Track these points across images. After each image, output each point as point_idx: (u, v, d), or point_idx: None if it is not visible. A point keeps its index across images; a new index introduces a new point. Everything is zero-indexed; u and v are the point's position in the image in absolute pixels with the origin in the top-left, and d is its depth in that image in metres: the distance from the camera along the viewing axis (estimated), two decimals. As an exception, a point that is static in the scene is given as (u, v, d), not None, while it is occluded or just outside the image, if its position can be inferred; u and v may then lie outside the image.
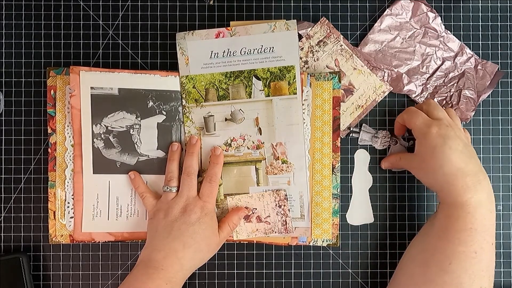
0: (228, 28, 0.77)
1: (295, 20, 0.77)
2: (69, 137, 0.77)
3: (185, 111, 0.78)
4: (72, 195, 0.77)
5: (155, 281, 0.68)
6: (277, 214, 0.77)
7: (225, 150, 0.78)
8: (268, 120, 0.77)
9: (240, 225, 0.78)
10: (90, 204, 0.77)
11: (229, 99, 0.77)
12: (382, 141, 0.79)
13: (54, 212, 0.78)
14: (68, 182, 0.77)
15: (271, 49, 0.77)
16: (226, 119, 0.78)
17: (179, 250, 0.70)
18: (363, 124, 0.80)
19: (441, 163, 0.68)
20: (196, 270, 0.79)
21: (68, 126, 0.77)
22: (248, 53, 0.77)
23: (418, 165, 0.73)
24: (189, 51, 0.77)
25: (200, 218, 0.72)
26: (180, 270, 0.70)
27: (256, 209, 0.78)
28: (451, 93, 0.80)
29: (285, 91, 0.76)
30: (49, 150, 0.78)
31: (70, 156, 0.77)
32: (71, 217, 0.78)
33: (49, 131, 0.78)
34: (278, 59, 0.77)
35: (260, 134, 0.77)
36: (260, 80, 0.77)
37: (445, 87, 0.80)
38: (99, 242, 0.79)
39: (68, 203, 0.78)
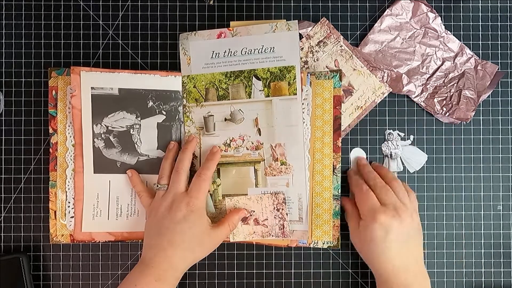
0: (229, 28, 0.77)
1: (296, 20, 0.77)
2: (70, 137, 0.77)
3: (186, 111, 0.78)
4: (73, 195, 0.77)
5: (145, 278, 0.68)
6: (275, 217, 0.77)
7: (224, 151, 0.78)
8: (267, 121, 0.77)
9: (237, 227, 0.77)
10: (90, 204, 0.77)
11: (229, 99, 0.77)
12: None
13: (55, 212, 0.78)
14: (69, 182, 0.77)
15: (272, 49, 0.77)
16: (225, 119, 0.77)
17: (167, 248, 0.70)
18: None
19: (378, 256, 0.72)
20: (196, 270, 0.79)
21: (69, 126, 0.77)
22: (249, 53, 0.77)
23: (357, 241, 0.76)
24: (191, 51, 0.77)
25: (185, 216, 0.70)
26: (169, 269, 0.69)
27: (254, 211, 0.78)
28: (451, 93, 0.80)
29: (285, 91, 0.76)
30: (51, 150, 0.78)
31: (71, 156, 0.77)
32: (72, 217, 0.78)
33: (51, 131, 0.78)
34: (278, 59, 0.76)
35: (260, 135, 0.77)
36: (260, 80, 0.77)
37: (445, 87, 0.80)
38: (99, 242, 0.79)
39: (69, 202, 0.78)
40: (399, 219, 0.71)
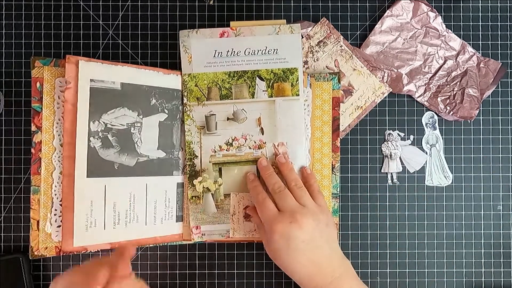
0: (232, 28, 0.77)
1: (299, 24, 0.77)
2: (59, 135, 0.71)
3: (186, 109, 0.77)
4: (60, 201, 0.71)
5: None
6: (276, 216, 0.77)
7: (226, 150, 0.78)
8: (270, 120, 0.77)
9: (239, 223, 0.77)
10: (83, 213, 0.70)
11: (232, 99, 0.77)
12: None
13: (38, 222, 0.71)
14: (56, 187, 0.71)
15: (275, 51, 0.77)
16: (228, 119, 0.77)
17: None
18: None
19: (289, 269, 0.68)
20: (196, 270, 0.79)
21: (57, 123, 0.71)
22: (252, 53, 0.77)
23: (269, 253, 0.70)
24: (193, 49, 0.77)
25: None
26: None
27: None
28: (455, 92, 0.80)
29: (288, 92, 0.76)
30: (33, 150, 0.72)
31: (58, 157, 0.71)
32: (58, 226, 0.72)
33: (33, 128, 0.71)
34: (281, 61, 0.77)
35: (262, 134, 0.77)
36: (264, 80, 0.77)
37: (448, 86, 0.80)
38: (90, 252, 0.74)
39: (56, 210, 0.71)
40: (297, 224, 0.67)
